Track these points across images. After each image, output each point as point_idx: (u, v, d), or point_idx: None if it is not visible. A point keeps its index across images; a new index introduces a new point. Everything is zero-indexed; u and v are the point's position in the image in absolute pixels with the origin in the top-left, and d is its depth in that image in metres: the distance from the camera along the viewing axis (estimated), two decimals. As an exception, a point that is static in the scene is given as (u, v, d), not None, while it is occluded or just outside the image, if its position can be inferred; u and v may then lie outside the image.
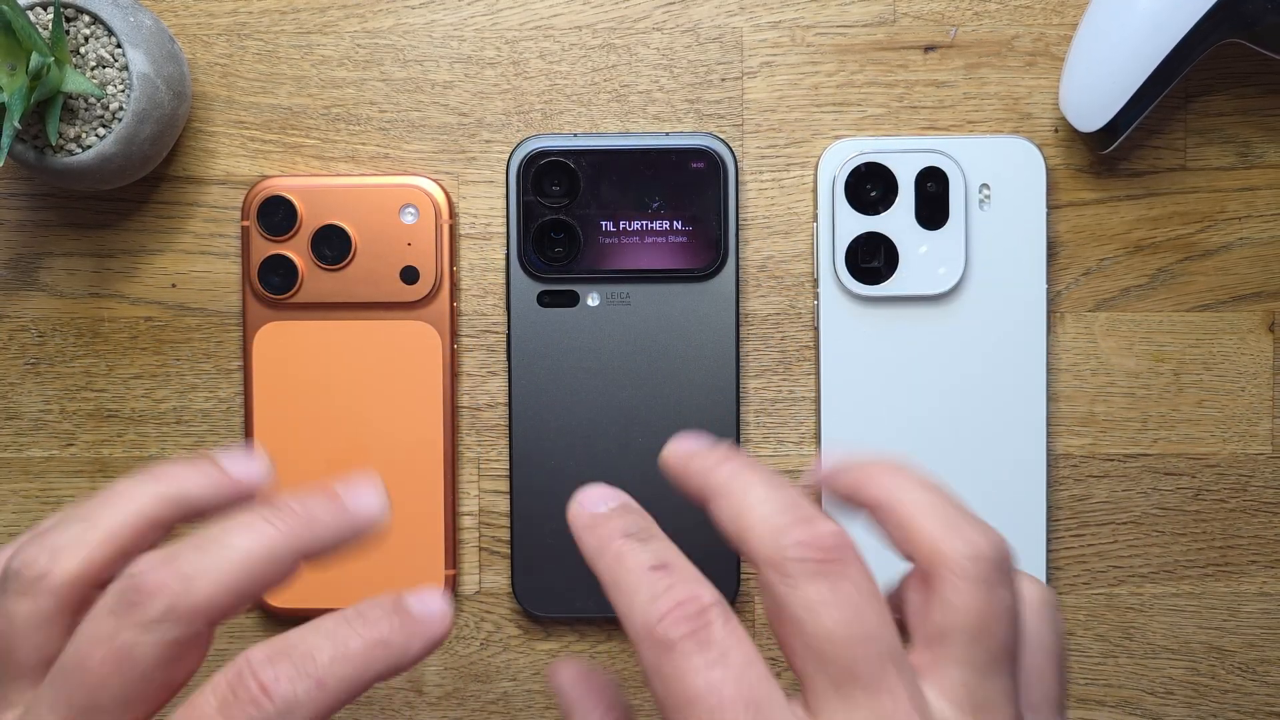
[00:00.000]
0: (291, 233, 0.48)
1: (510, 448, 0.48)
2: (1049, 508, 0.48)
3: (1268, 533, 0.49)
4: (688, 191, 0.47)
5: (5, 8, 0.41)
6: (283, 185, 0.48)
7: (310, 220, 0.48)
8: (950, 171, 0.47)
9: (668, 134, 0.48)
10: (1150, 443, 0.49)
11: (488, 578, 0.49)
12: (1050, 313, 0.48)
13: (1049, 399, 0.48)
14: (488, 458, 0.49)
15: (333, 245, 0.48)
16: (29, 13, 0.43)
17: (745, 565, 0.49)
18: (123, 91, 0.44)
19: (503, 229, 0.49)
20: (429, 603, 0.26)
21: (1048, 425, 0.48)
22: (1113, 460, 0.49)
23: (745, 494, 0.27)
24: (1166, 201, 0.49)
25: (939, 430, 0.47)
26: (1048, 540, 0.48)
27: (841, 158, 0.47)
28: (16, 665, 0.26)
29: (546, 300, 0.48)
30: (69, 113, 0.44)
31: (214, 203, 0.49)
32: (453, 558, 0.49)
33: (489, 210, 0.49)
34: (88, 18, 0.44)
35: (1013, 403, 0.48)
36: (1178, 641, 0.49)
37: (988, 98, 0.48)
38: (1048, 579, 0.48)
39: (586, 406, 0.48)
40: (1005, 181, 0.47)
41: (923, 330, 0.48)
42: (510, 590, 0.49)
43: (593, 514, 0.28)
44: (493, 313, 0.49)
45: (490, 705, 0.49)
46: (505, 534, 0.49)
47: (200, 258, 0.49)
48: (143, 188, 0.49)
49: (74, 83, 0.42)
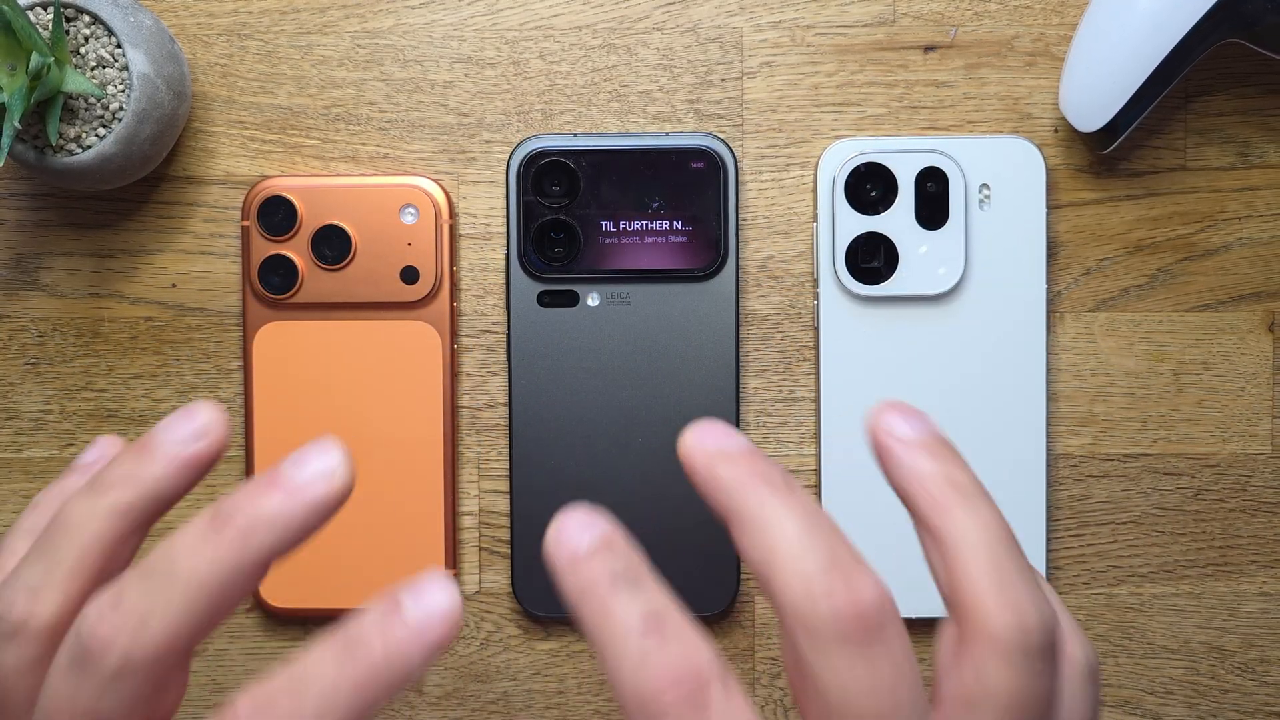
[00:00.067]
0: (291, 233, 0.48)
1: (510, 448, 0.48)
2: (1049, 508, 0.48)
3: (1267, 533, 0.49)
4: (688, 191, 0.47)
5: (5, 8, 0.41)
6: (283, 185, 0.48)
7: (310, 220, 0.48)
8: (950, 171, 0.47)
9: (668, 134, 0.48)
10: (1150, 443, 0.49)
11: (488, 578, 0.49)
12: (1050, 313, 0.48)
13: (1049, 399, 0.48)
14: (488, 458, 0.49)
15: (333, 245, 0.48)
16: (29, 13, 0.43)
17: (745, 568, 0.49)
18: (123, 91, 0.44)
19: (503, 229, 0.49)
20: (429, 603, 0.24)
21: (1048, 425, 0.48)
22: (1113, 460, 0.49)
23: (777, 529, 0.24)
24: (1166, 201, 0.49)
25: (939, 430, 0.47)
26: (1048, 540, 0.48)
27: (841, 158, 0.47)
28: (13, 711, 0.26)
29: (546, 300, 0.48)
30: (69, 113, 0.44)
31: (214, 203, 0.49)
32: (453, 558, 0.49)
33: (489, 210, 0.49)
34: (88, 18, 0.44)
35: (1013, 403, 0.48)
36: (1177, 641, 0.49)
37: (988, 98, 0.48)
38: (1048, 579, 0.48)
39: (586, 406, 0.48)
40: (1005, 181, 0.47)
41: (923, 330, 0.48)
42: (510, 590, 0.49)
43: (573, 552, 0.24)
44: (493, 313, 0.49)
45: (490, 705, 0.49)
46: (505, 534, 0.49)
47: (200, 258, 0.49)
48: (143, 188, 0.49)
49: (74, 83, 0.42)
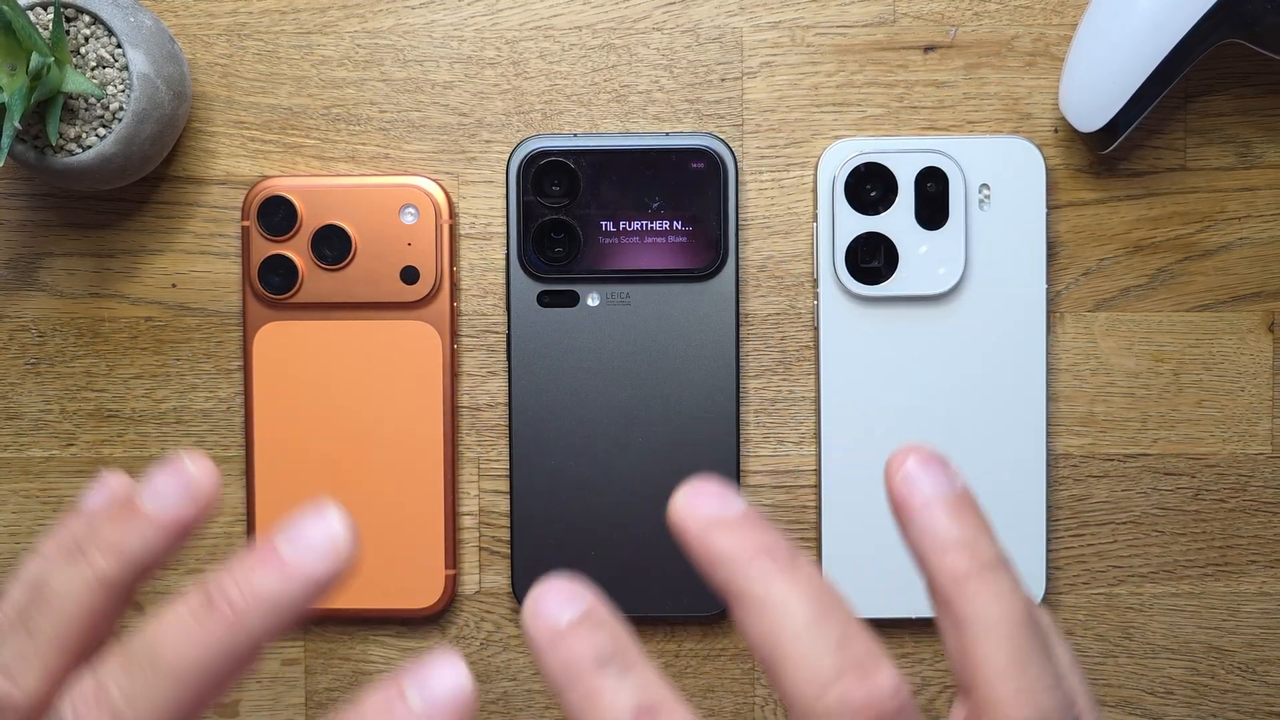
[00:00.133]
0: (291, 233, 0.48)
1: (510, 448, 0.48)
2: (1049, 508, 0.48)
3: (1267, 533, 0.49)
4: (688, 191, 0.47)
5: (5, 8, 0.41)
6: (283, 185, 0.48)
7: (310, 220, 0.48)
8: (950, 171, 0.47)
9: (668, 134, 0.48)
10: (1150, 443, 0.49)
11: (488, 578, 0.49)
12: (1050, 313, 0.48)
13: (1049, 399, 0.48)
14: (488, 458, 0.49)
15: (333, 245, 0.48)
16: (29, 13, 0.43)
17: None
18: (123, 91, 0.44)
19: (503, 229, 0.49)
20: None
21: (1047, 425, 0.48)
22: (1113, 460, 0.49)
23: (784, 614, 0.22)
24: (1166, 201, 0.49)
25: (939, 430, 0.47)
26: (1048, 540, 0.48)
27: (841, 158, 0.47)
28: None
29: (546, 300, 0.48)
30: (69, 113, 0.44)
31: (214, 203, 0.49)
32: (453, 558, 0.49)
33: (489, 210, 0.49)
34: (88, 18, 0.44)
35: (1012, 403, 0.48)
36: (1177, 641, 0.49)
37: (988, 98, 0.48)
38: (1048, 579, 0.48)
39: (586, 406, 0.48)
40: (1005, 181, 0.47)
41: (923, 330, 0.48)
42: (510, 590, 0.49)
43: (552, 627, 0.22)
44: (493, 313, 0.49)
45: (490, 705, 0.49)
46: (505, 534, 0.49)
47: (200, 258, 0.49)
48: (143, 188, 0.49)
49: (74, 83, 0.42)
